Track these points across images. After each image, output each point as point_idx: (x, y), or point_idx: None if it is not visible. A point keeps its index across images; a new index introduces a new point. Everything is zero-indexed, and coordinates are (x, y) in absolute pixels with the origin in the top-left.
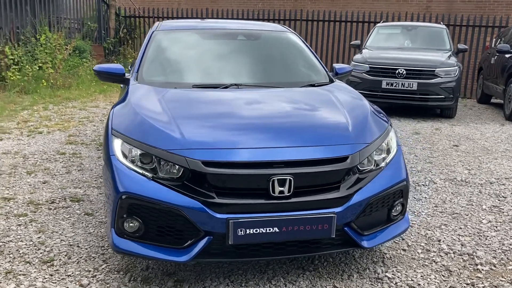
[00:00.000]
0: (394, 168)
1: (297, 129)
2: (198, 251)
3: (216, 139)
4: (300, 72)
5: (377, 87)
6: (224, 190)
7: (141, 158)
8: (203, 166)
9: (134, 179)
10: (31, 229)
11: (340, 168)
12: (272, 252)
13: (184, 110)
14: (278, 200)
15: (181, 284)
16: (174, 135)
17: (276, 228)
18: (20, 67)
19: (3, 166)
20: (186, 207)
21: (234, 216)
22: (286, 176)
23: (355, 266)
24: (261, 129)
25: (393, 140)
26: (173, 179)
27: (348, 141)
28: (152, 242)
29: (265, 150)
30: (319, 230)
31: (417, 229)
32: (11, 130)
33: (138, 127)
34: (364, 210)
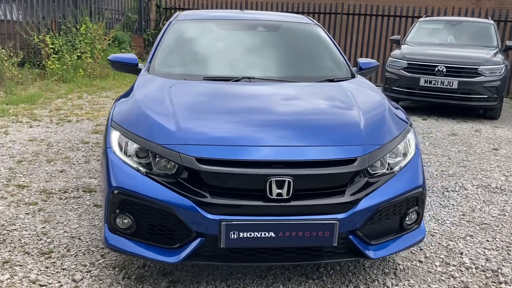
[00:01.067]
0: (409, 173)
1: (302, 127)
2: (189, 252)
3: (213, 135)
4: (320, 66)
5: (415, 84)
6: (218, 189)
7: (137, 152)
8: (197, 163)
9: (127, 174)
10: (37, 219)
11: (346, 171)
12: (269, 258)
13: (187, 104)
14: (276, 203)
15: (175, 285)
16: (170, 129)
17: (272, 233)
18: (59, 56)
19: (26, 153)
20: (177, 206)
21: (227, 218)
22: (285, 178)
23: (363, 276)
24: (263, 126)
25: (411, 142)
26: (167, 176)
27: (358, 141)
28: (144, 240)
29: (263, 149)
30: (319, 237)
31: (439, 239)
32: (43, 117)
33: (136, 120)
34: (372, 217)
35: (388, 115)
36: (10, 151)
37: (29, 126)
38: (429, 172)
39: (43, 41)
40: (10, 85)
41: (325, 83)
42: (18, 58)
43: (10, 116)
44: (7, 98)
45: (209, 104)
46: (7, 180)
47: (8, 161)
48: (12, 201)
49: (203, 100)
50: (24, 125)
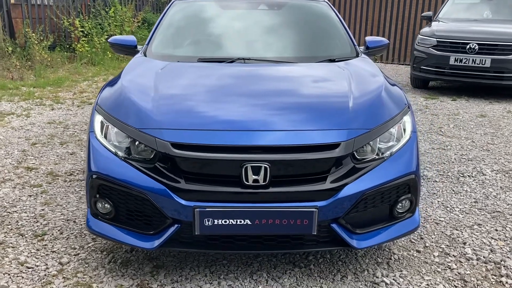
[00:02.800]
0: (401, 159)
1: (285, 111)
2: (165, 239)
3: (189, 120)
4: (322, 45)
5: (445, 63)
6: (193, 175)
7: (117, 137)
8: (172, 149)
9: (106, 159)
10: (38, 201)
11: (327, 157)
12: (247, 245)
13: (171, 87)
14: (253, 189)
15: (157, 270)
16: (148, 113)
17: (248, 220)
18: (89, 39)
19: (41, 136)
20: (152, 191)
21: (201, 205)
22: (261, 163)
23: (353, 266)
24: (243, 110)
25: (407, 125)
26: (145, 161)
27: (343, 125)
28: (122, 225)
29: (240, 133)
30: (297, 226)
31: (443, 227)
32: (65, 100)
33: (118, 104)
34: (357, 205)
35: (383, 97)
36: (28, 134)
37: (51, 108)
38: (447, 156)
39: (73, 24)
40: (40, 68)
41: (323, 64)
42: (49, 42)
43: (35, 99)
44: (35, 81)
45: (193, 87)
46: (18, 163)
47: (23, 144)
48: (18, 183)
49: (188, 83)
50: (46, 107)
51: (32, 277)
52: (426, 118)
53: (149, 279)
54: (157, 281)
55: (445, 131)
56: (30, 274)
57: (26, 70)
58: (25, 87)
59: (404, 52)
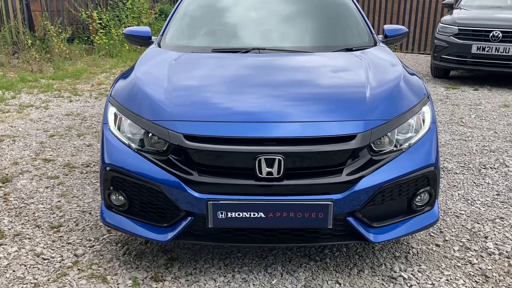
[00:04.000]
0: (420, 150)
1: (301, 101)
2: (179, 231)
3: (203, 111)
4: (339, 34)
5: (467, 52)
6: (206, 168)
7: (130, 129)
8: (184, 140)
9: (119, 151)
10: (55, 192)
11: (343, 149)
12: (260, 239)
13: (185, 79)
14: (267, 182)
15: (172, 263)
16: (161, 105)
17: (261, 213)
18: (106, 31)
19: (59, 128)
20: (165, 183)
21: (214, 197)
22: (274, 156)
23: (370, 260)
24: (257, 101)
25: (426, 116)
26: (158, 153)
27: (360, 116)
28: (136, 218)
29: (253, 125)
30: (312, 219)
31: (464, 221)
32: (83, 92)
33: (131, 96)
34: (374, 198)
35: (402, 86)
36: (46, 126)
37: (69, 100)
38: (468, 148)
39: (91, 16)
40: (58, 60)
41: (340, 53)
42: (67, 34)
43: (53, 91)
44: (54, 73)
45: (206, 79)
46: (36, 154)
47: (41, 135)
48: (35, 174)
49: (201, 75)
50: (64, 99)
51: (48, 269)
52: (446, 108)
53: (163, 272)
54: (171, 273)
55: (466, 121)
56: (46, 266)
57: (45, 63)
58: (44, 80)
59: (424, 41)
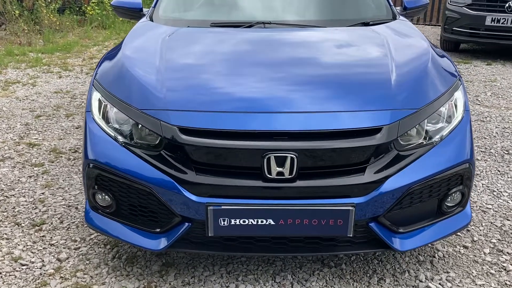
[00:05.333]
0: (453, 144)
1: (317, 88)
2: (173, 239)
3: (201, 98)
4: (354, 7)
5: (480, 24)
6: (206, 166)
7: (117, 118)
8: (180, 134)
9: (104, 145)
10: (39, 183)
11: (366, 144)
12: (269, 247)
13: (182, 57)
14: (277, 183)
15: (167, 270)
16: (153, 90)
17: (270, 220)
18: (99, 1)
19: (47, 107)
20: (156, 184)
21: (215, 201)
22: (286, 153)
23: (391, 266)
24: (266, 87)
25: (459, 102)
26: (149, 148)
27: (385, 105)
28: (126, 221)
29: (261, 116)
30: (330, 226)
31: (492, 217)
32: (74, 67)
33: (119, 79)
34: (401, 201)
35: (431, 68)
36: (32, 105)
37: (58, 76)
38: (487, 130)
39: None
40: (48, 32)
41: (356, 28)
42: (57, 4)
43: (42, 65)
44: (44, 46)
45: (205, 58)
46: (20, 138)
47: (26, 116)
48: (18, 161)
49: (199, 53)
50: (54, 75)
51: (26, 277)
52: None
53: (157, 280)
54: (166, 282)
55: (482, 100)
56: (24, 273)
57: (35, 35)
58: (32, 53)
59: (431, 12)
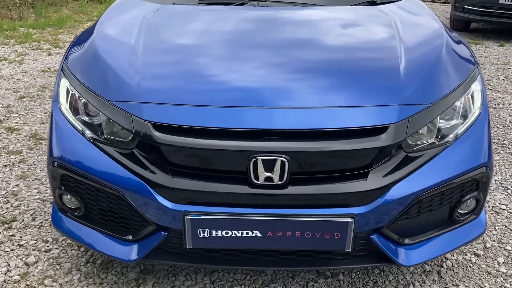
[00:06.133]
0: (469, 144)
1: (310, 77)
2: (148, 250)
3: (180, 89)
4: None
5: (493, 2)
6: (183, 169)
7: (86, 110)
8: (154, 132)
9: (71, 140)
10: (14, 173)
11: (370, 146)
12: (256, 260)
13: (162, 40)
14: (265, 189)
15: (144, 278)
16: (126, 79)
17: (257, 232)
18: None
19: (32, 87)
20: (127, 188)
21: (194, 210)
22: (276, 156)
23: (394, 276)
24: (256, 76)
25: (476, 96)
26: (121, 145)
27: (393, 99)
28: (96, 226)
29: (247, 112)
30: (325, 240)
31: (506, 219)
32: (65, 44)
33: (89, 65)
34: (407, 211)
35: (445, 55)
36: (17, 85)
37: (48, 54)
38: (500, 118)
39: None
40: (41, 6)
41: (361, 7)
42: None
43: (32, 42)
44: (35, 21)
45: (190, 40)
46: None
47: (9, 97)
48: None
49: (184, 35)
50: (43, 52)
51: None
52: None
53: None
54: None
55: (495, 84)
56: None
57: (27, 9)
58: (23, 28)
59: None
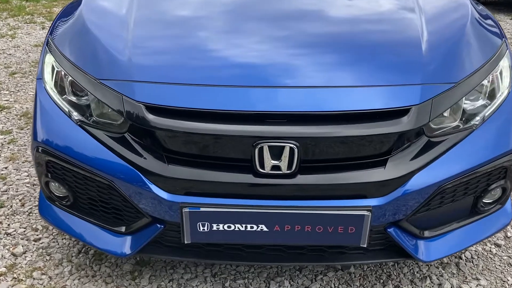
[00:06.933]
0: (497, 128)
1: (322, 51)
2: (143, 243)
3: (178, 66)
4: None
5: None
6: (180, 156)
7: (74, 90)
8: (147, 114)
9: (56, 123)
10: (3, 155)
11: (389, 132)
12: (261, 255)
13: (156, 11)
14: (271, 179)
15: (140, 270)
16: (116, 54)
17: (263, 226)
18: None
19: (24, 63)
20: (118, 176)
21: (192, 201)
22: (284, 142)
23: (409, 270)
24: (260, 51)
25: (505, 73)
26: (112, 127)
27: (415, 77)
28: (86, 217)
29: (252, 92)
30: (338, 235)
31: None
32: None
33: (77, 39)
34: (429, 202)
35: (470, 29)
36: (8, 60)
37: (41, 27)
38: None
39: None
40: None
41: None
42: None
43: (25, 15)
44: None
45: (186, 13)
46: None
47: (0, 73)
48: None
49: (180, 6)
50: (36, 26)
51: None
52: None
53: (127, 285)
54: (138, 287)
55: None
56: None
57: None
58: (16, 0)
59: None
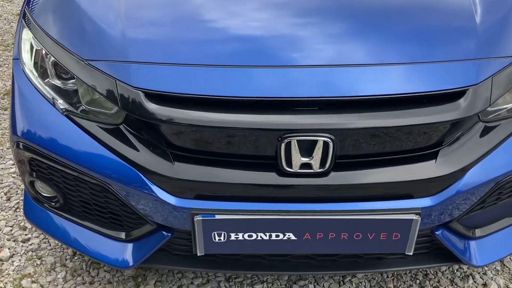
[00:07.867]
0: None
1: (358, 23)
2: (148, 253)
3: (181, 44)
4: None
5: None
6: (189, 152)
7: (57, 72)
8: (146, 103)
9: (38, 113)
10: None
11: (441, 120)
12: (285, 263)
13: None
14: (300, 178)
15: (144, 276)
16: (108, 29)
17: (290, 234)
18: None
19: (7, 33)
20: (114, 178)
21: (205, 207)
22: (317, 135)
23: (448, 267)
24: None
25: None
26: (105, 117)
27: (470, 51)
28: (79, 220)
29: (274, 73)
30: (380, 243)
31: None
32: None
33: (60, 11)
34: (485, 199)
35: None
36: None
37: None
38: None
39: None
40: None
41: None
42: None
43: None
44: None
45: None
46: None
47: None
48: None
49: None
50: None
51: None
52: None
53: None
54: None
55: None
56: None
57: None
58: None
59: None
